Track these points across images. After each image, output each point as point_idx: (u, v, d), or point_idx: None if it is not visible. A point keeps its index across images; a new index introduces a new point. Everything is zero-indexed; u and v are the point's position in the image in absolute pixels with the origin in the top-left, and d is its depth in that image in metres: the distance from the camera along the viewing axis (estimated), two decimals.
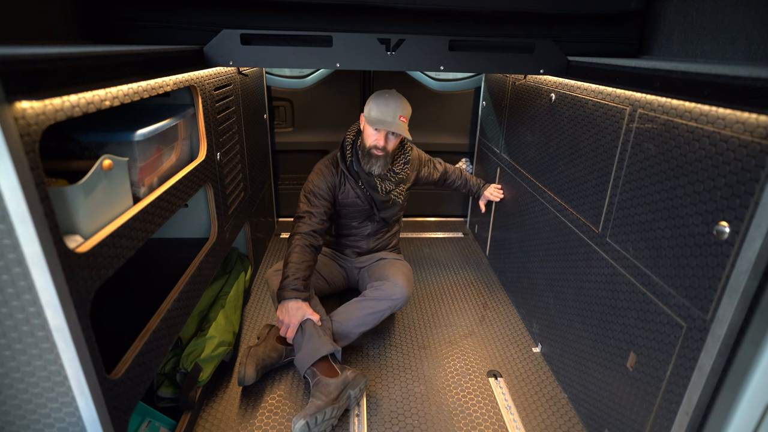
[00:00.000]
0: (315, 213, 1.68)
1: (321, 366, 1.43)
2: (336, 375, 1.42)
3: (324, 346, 1.46)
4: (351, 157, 1.74)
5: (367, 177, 1.74)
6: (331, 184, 1.74)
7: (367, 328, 1.64)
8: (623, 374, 1.16)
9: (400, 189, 1.84)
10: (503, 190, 2.17)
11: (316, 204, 1.70)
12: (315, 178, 1.75)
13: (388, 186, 1.79)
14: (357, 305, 1.65)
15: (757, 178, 0.75)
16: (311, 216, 1.68)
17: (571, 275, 1.46)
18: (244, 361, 1.48)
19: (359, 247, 1.92)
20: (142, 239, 0.97)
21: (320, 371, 1.42)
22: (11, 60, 0.59)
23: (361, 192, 1.77)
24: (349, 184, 1.76)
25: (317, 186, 1.73)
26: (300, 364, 1.46)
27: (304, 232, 1.65)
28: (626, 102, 1.17)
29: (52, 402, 0.77)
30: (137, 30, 1.40)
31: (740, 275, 0.78)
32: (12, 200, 0.61)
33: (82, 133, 0.98)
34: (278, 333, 1.62)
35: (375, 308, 1.63)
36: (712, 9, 1.33)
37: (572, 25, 1.54)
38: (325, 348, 1.45)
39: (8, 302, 0.68)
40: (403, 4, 1.42)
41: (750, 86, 0.76)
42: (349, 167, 1.75)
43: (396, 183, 1.81)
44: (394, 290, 1.64)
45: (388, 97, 1.66)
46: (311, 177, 1.76)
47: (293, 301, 1.52)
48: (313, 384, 1.40)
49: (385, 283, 1.68)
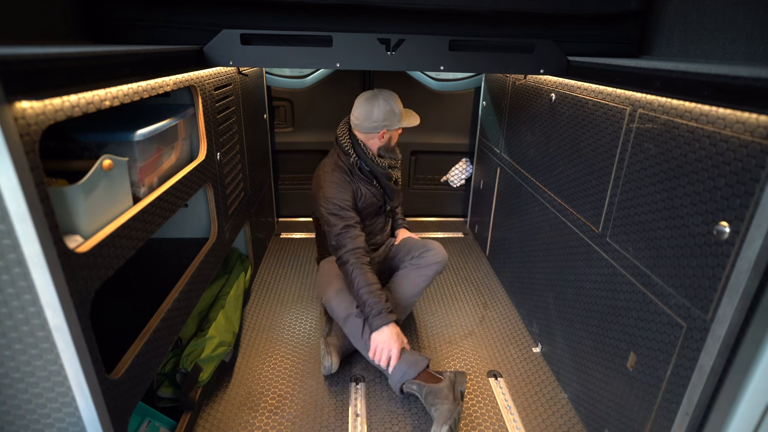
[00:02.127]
0: (354, 224, 1.62)
1: (421, 377, 1.45)
2: (440, 379, 1.44)
3: (421, 359, 1.48)
4: (358, 160, 1.72)
5: (383, 171, 1.74)
6: (350, 192, 1.69)
7: (420, 296, 1.80)
8: (623, 374, 1.16)
9: (398, 174, 1.88)
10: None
11: (348, 216, 1.62)
12: (335, 192, 1.65)
13: (396, 173, 1.84)
14: (407, 279, 1.75)
15: (757, 178, 0.75)
16: (351, 228, 1.61)
17: (571, 275, 1.46)
18: (327, 351, 1.57)
19: (375, 243, 1.92)
20: (142, 239, 0.97)
21: (424, 381, 1.44)
22: (11, 60, 0.59)
23: (375, 190, 1.77)
24: (364, 187, 1.74)
25: (343, 199, 1.64)
26: (399, 380, 1.46)
27: (357, 246, 1.58)
28: (626, 102, 1.17)
29: (52, 402, 0.77)
30: (137, 30, 1.40)
31: (740, 275, 0.78)
32: (12, 200, 0.61)
33: (82, 133, 0.98)
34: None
35: (426, 274, 1.75)
36: (712, 9, 1.33)
37: (572, 25, 1.54)
38: (422, 360, 1.48)
39: (8, 302, 0.68)
40: (403, 4, 1.42)
41: (750, 86, 0.76)
42: (362, 171, 1.73)
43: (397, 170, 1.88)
44: (437, 256, 1.76)
45: (395, 95, 1.70)
46: (329, 193, 1.65)
47: (390, 327, 1.47)
48: (425, 394, 1.41)
49: (426, 252, 1.78)
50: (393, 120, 1.68)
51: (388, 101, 1.67)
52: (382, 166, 1.74)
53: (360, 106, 1.67)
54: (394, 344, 1.46)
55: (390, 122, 1.67)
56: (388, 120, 1.67)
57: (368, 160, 1.71)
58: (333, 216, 1.63)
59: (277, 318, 1.92)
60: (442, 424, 1.30)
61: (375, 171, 1.73)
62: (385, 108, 1.65)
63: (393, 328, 1.48)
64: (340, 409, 1.45)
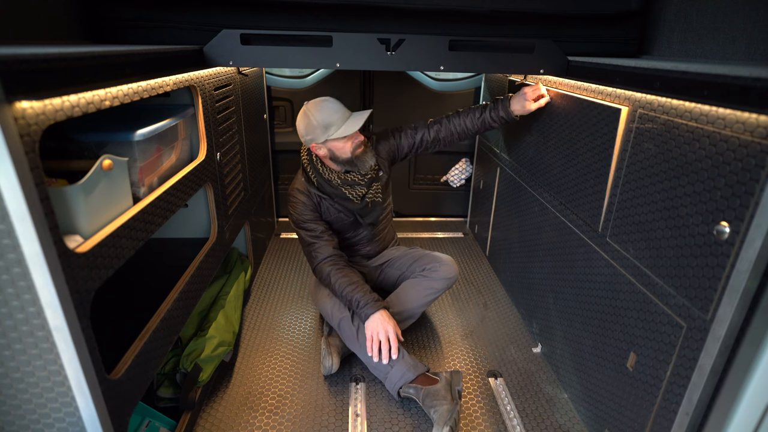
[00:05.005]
0: (319, 234, 1.64)
1: (418, 380, 1.45)
2: (436, 380, 1.44)
3: (418, 364, 1.49)
4: (315, 177, 1.65)
5: (334, 191, 1.64)
6: (311, 207, 1.67)
7: (425, 308, 1.77)
8: (623, 374, 1.16)
9: (374, 189, 1.70)
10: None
11: (314, 227, 1.65)
12: (296, 207, 1.66)
13: (359, 191, 1.66)
14: (416, 289, 1.73)
15: (757, 178, 0.75)
16: (320, 238, 1.63)
17: (571, 275, 1.46)
18: (328, 351, 1.56)
19: (367, 253, 1.90)
20: (142, 239, 0.97)
21: (421, 384, 1.44)
22: (11, 60, 0.59)
23: (340, 206, 1.70)
24: (326, 203, 1.69)
25: (303, 214, 1.65)
26: (397, 383, 1.45)
27: (327, 255, 1.61)
28: (626, 102, 1.17)
29: (52, 402, 0.77)
30: (137, 30, 1.40)
31: (740, 275, 0.78)
32: (12, 200, 0.61)
33: (82, 133, 0.98)
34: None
35: (435, 287, 1.73)
36: (712, 9, 1.33)
37: (572, 25, 1.54)
38: (420, 365, 1.48)
39: (8, 302, 0.68)
40: (403, 4, 1.42)
41: (750, 86, 0.76)
42: (319, 188, 1.66)
43: (367, 184, 1.67)
44: (449, 272, 1.74)
45: (322, 103, 1.52)
46: (291, 209, 1.67)
47: (380, 312, 1.49)
48: (423, 397, 1.41)
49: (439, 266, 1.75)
50: (314, 133, 1.51)
51: (309, 113, 1.51)
52: (333, 185, 1.63)
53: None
54: (387, 325, 1.46)
55: (313, 135, 1.52)
56: (309, 134, 1.52)
57: (320, 176, 1.64)
58: (300, 230, 1.67)
59: (277, 318, 1.92)
60: (442, 425, 1.30)
61: (325, 188, 1.64)
62: (305, 120, 1.52)
63: (383, 312, 1.49)
64: (340, 409, 1.45)
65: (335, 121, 1.50)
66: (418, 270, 1.79)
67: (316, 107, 1.51)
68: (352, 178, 1.64)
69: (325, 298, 1.68)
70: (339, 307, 1.62)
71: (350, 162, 1.58)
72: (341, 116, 1.51)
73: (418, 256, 1.85)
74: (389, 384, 1.47)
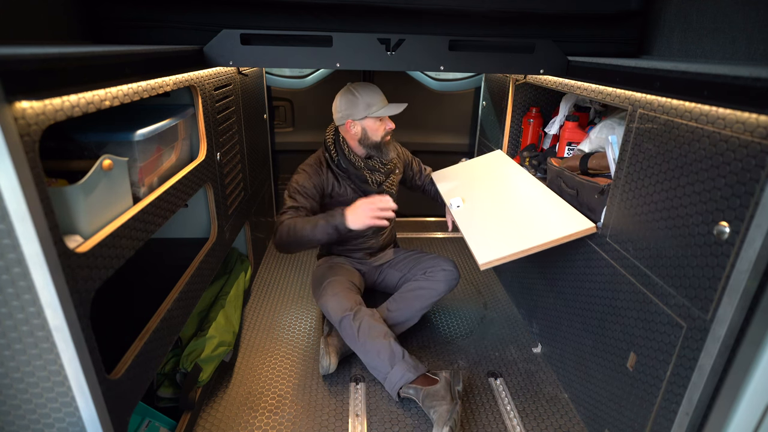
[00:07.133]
0: (300, 209, 1.62)
1: (418, 381, 1.44)
2: (436, 381, 1.44)
3: (418, 365, 1.48)
4: (337, 156, 1.70)
5: (356, 172, 1.70)
6: (317, 183, 1.69)
7: (425, 311, 1.75)
8: (623, 374, 1.16)
9: (391, 180, 1.81)
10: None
11: (302, 202, 1.64)
12: (300, 178, 1.68)
13: (378, 177, 1.76)
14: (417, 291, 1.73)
15: (757, 178, 0.75)
16: (297, 210, 1.61)
17: (571, 275, 1.46)
18: (327, 351, 1.57)
19: (370, 248, 1.90)
20: (142, 239, 0.97)
21: (421, 384, 1.43)
22: (11, 60, 0.59)
23: (356, 187, 1.74)
24: (345, 183, 1.73)
25: (302, 186, 1.66)
26: (396, 384, 1.45)
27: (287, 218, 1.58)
28: (626, 102, 1.17)
29: (52, 402, 0.77)
30: (137, 30, 1.40)
31: (740, 275, 0.78)
32: (12, 200, 0.61)
33: (82, 133, 0.98)
34: None
35: (437, 289, 1.73)
36: (712, 9, 1.33)
37: (572, 25, 1.54)
38: (420, 366, 1.48)
39: (8, 302, 0.68)
40: (403, 4, 1.42)
41: (750, 86, 0.76)
42: (338, 166, 1.71)
43: (386, 174, 1.78)
44: (451, 275, 1.75)
45: (367, 84, 1.64)
46: (295, 178, 1.69)
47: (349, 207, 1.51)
48: (423, 397, 1.40)
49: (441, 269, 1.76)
50: (355, 109, 1.60)
51: (354, 90, 1.62)
52: (357, 166, 1.70)
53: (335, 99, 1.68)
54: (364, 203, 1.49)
55: (352, 111, 1.60)
56: (349, 109, 1.61)
57: (344, 157, 1.69)
58: (289, 197, 1.65)
59: (277, 318, 1.92)
60: (442, 425, 1.29)
61: (349, 170, 1.70)
62: (348, 96, 1.62)
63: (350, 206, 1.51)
64: (340, 409, 1.45)
65: (377, 102, 1.63)
66: (420, 272, 1.79)
67: (361, 86, 1.64)
68: (373, 164, 1.73)
69: (325, 297, 1.67)
70: (341, 307, 1.61)
71: (377, 146, 1.68)
72: (382, 99, 1.65)
73: (419, 258, 1.85)
74: (389, 385, 1.46)
